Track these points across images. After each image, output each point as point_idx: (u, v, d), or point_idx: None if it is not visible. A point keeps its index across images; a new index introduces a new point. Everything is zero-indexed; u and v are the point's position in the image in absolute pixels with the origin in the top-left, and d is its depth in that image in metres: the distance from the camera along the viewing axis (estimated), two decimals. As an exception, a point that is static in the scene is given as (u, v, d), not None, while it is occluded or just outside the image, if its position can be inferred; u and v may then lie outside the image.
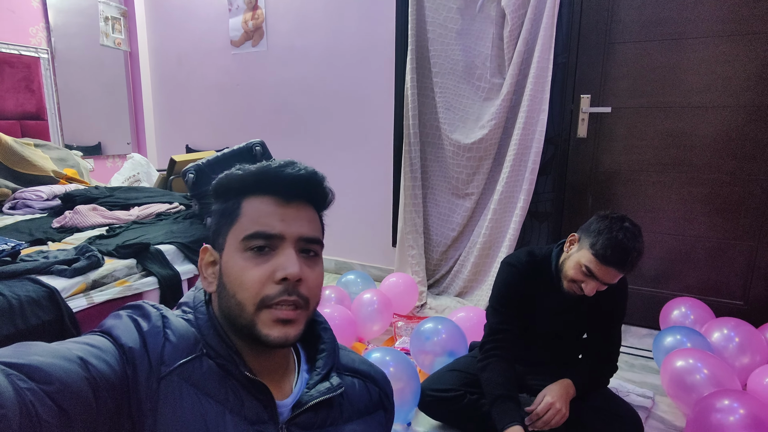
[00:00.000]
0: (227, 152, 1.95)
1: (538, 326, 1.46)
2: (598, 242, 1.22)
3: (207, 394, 0.54)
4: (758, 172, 2.01)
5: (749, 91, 1.98)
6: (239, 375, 0.57)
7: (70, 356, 0.46)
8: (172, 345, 0.54)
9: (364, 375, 0.72)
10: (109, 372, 0.48)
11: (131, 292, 1.45)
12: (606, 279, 1.24)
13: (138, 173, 3.12)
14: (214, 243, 0.63)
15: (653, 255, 2.25)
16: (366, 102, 2.80)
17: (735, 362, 1.71)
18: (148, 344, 0.53)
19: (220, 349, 0.57)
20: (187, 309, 0.62)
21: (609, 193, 2.29)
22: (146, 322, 0.55)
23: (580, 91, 2.27)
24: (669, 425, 1.57)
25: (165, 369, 0.53)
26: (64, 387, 0.43)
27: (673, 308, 2.06)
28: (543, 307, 1.43)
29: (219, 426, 0.53)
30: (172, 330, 0.56)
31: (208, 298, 0.63)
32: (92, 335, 0.52)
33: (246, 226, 0.58)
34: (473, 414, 1.46)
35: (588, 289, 1.26)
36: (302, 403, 0.61)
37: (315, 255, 0.62)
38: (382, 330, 2.13)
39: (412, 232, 2.63)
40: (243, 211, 0.59)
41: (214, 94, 3.36)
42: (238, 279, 0.57)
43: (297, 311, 0.58)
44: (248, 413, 0.57)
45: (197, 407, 0.53)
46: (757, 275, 2.07)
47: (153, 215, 2.08)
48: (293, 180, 0.60)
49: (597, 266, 1.23)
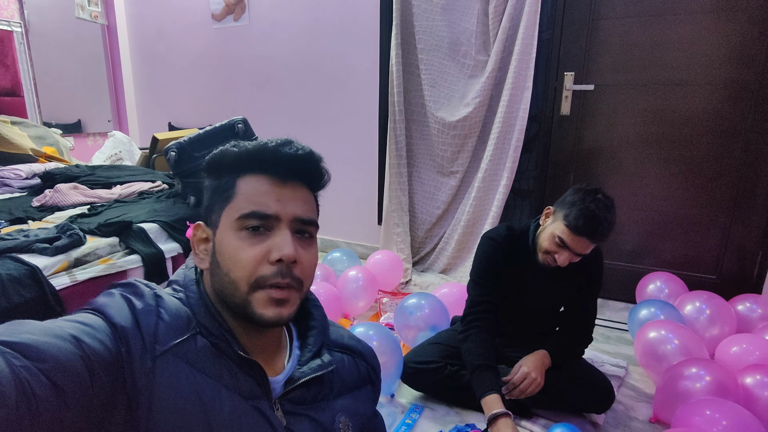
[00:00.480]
0: (209, 130, 1.93)
1: (516, 299, 1.51)
2: (571, 213, 1.26)
3: (202, 372, 0.55)
4: (733, 149, 2.06)
5: (728, 68, 2.01)
6: (232, 353, 0.57)
7: (63, 334, 0.46)
8: (166, 324, 0.54)
9: (353, 351, 0.74)
10: (102, 350, 0.48)
11: (114, 270, 1.45)
12: (578, 249, 1.28)
13: (120, 151, 3.08)
14: (206, 220, 0.62)
15: (632, 231, 2.30)
16: (351, 78, 2.77)
17: (705, 333, 1.78)
18: (140, 323, 0.53)
19: (213, 328, 0.58)
20: (178, 287, 0.61)
21: (591, 170, 2.33)
22: (139, 301, 0.55)
23: (563, 68, 2.28)
24: (640, 393, 1.64)
25: (160, 348, 0.53)
26: (58, 365, 0.43)
27: (649, 282, 2.12)
28: (522, 281, 1.47)
29: (215, 401, 0.54)
30: (166, 309, 0.55)
31: (199, 276, 0.62)
32: (84, 313, 0.52)
33: (241, 205, 0.58)
34: (453, 384, 1.51)
35: (561, 259, 1.30)
36: (294, 380, 0.62)
37: (310, 236, 0.62)
38: (367, 306, 2.17)
39: (398, 210, 2.65)
40: (238, 190, 0.59)
41: (196, 70, 3.29)
42: (233, 258, 0.57)
43: (290, 291, 0.58)
44: (242, 389, 0.57)
45: (193, 384, 0.54)
46: (729, 250, 2.14)
47: (135, 194, 2.07)
48: (290, 160, 0.59)
49: (569, 236, 1.27)
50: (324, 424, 0.63)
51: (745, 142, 2.03)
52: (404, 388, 1.61)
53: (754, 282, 2.11)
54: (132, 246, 1.54)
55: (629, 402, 1.58)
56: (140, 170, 2.41)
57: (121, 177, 2.22)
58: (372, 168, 2.82)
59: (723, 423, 1.18)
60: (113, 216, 1.69)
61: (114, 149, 3.04)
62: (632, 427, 1.46)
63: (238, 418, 0.55)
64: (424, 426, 1.45)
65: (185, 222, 1.75)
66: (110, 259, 1.47)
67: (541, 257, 1.38)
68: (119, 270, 1.46)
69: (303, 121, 2.97)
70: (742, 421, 1.19)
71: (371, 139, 2.79)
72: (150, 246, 1.58)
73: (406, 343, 1.85)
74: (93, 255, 1.44)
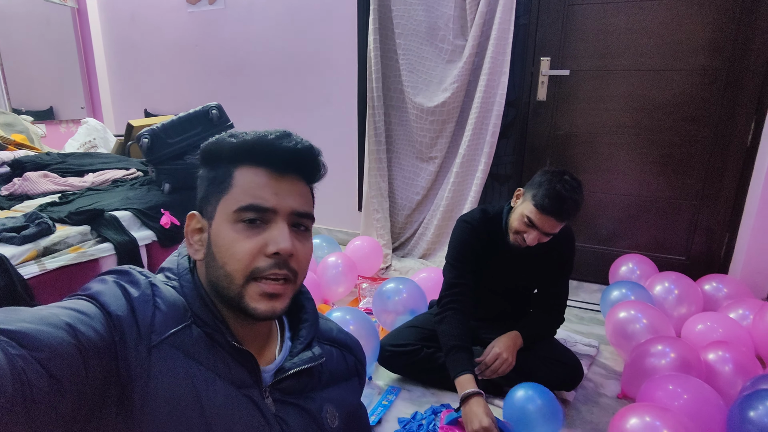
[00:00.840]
0: (182, 116, 1.89)
1: (491, 281, 1.54)
2: (539, 194, 1.29)
3: (197, 361, 0.55)
4: (702, 134, 2.10)
5: (699, 54, 2.04)
6: (225, 343, 0.58)
7: (58, 323, 0.45)
8: (163, 314, 0.54)
9: (341, 344, 0.75)
10: (97, 338, 0.47)
11: (86, 258, 1.43)
12: (546, 228, 1.31)
13: (94, 139, 3.00)
14: (201, 210, 0.61)
15: (606, 215, 2.35)
16: (328, 63, 2.75)
17: (673, 312, 1.84)
18: (137, 312, 0.52)
19: (207, 318, 0.58)
20: (172, 276, 0.61)
21: (566, 155, 2.36)
22: (135, 289, 0.54)
23: (540, 53, 2.29)
24: (610, 370, 1.69)
25: (156, 337, 0.52)
26: (53, 354, 0.43)
27: (622, 264, 2.18)
28: (496, 263, 1.50)
29: (209, 390, 0.55)
30: (162, 298, 0.55)
31: (193, 265, 0.62)
32: (77, 300, 0.51)
33: (238, 197, 0.57)
34: (429, 366, 1.54)
35: (530, 239, 1.33)
36: (285, 370, 0.63)
37: (306, 230, 0.62)
38: (346, 292, 2.18)
39: (377, 196, 2.66)
40: (235, 182, 0.58)
41: (171, 55, 3.22)
42: (229, 250, 0.56)
43: (285, 285, 0.58)
44: (235, 378, 0.58)
45: (188, 373, 0.54)
46: (698, 232, 2.20)
47: (109, 182, 2.03)
48: (289, 153, 0.58)
49: (537, 216, 1.30)
50: (312, 412, 0.65)
51: (714, 128, 2.08)
52: (381, 371, 1.64)
53: (722, 262, 2.18)
54: (104, 234, 1.52)
55: (599, 379, 1.63)
56: (114, 158, 2.37)
57: (93, 165, 2.18)
58: (351, 154, 2.81)
59: (684, 397, 1.23)
60: (85, 204, 1.66)
61: (88, 137, 2.97)
62: (600, 403, 1.51)
63: (231, 406, 0.56)
64: (401, 407, 1.48)
65: (159, 209, 1.73)
66: (81, 248, 1.45)
67: (512, 237, 1.41)
68: (90, 258, 1.44)
69: (280, 108, 2.94)
70: (703, 395, 1.24)
71: (350, 125, 2.78)
72: (122, 234, 1.56)
73: (385, 327, 1.87)
74: (63, 244, 1.42)
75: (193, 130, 1.87)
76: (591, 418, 1.43)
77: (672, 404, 1.21)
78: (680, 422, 1.08)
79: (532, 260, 1.48)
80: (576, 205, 1.29)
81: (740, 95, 2.01)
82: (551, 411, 1.26)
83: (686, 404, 1.21)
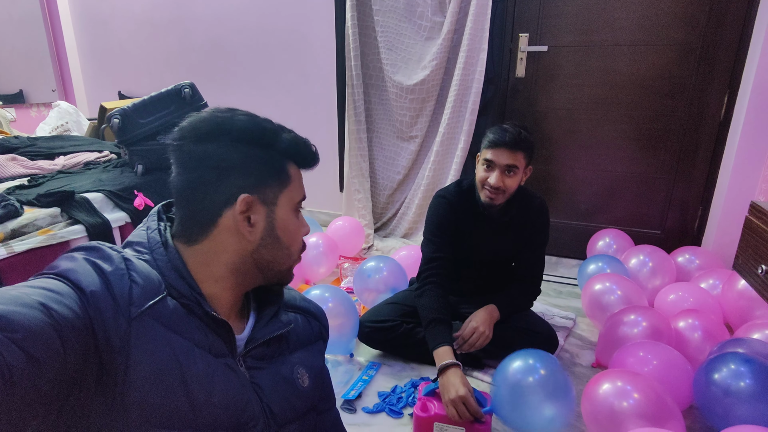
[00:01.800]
0: (154, 95, 1.85)
1: (469, 254, 1.55)
2: (487, 137, 1.43)
3: (175, 331, 0.57)
4: (677, 109, 2.13)
5: (673, 30, 2.05)
6: (202, 314, 0.60)
7: (31, 302, 0.45)
8: (140, 287, 0.55)
9: (305, 311, 0.80)
10: (71, 316, 0.47)
11: (56, 240, 1.40)
12: (501, 161, 1.39)
13: (66, 123, 2.92)
14: (259, 193, 0.63)
15: (585, 191, 2.38)
16: (306, 41, 2.69)
17: (647, 284, 1.88)
18: (113, 286, 0.52)
19: (183, 289, 0.59)
20: (142, 249, 0.61)
21: (545, 132, 2.37)
22: (108, 264, 0.54)
23: (518, 29, 2.28)
24: (586, 341, 1.74)
25: (136, 309, 0.53)
26: (29, 333, 0.42)
27: (599, 239, 2.22)
28: (473, 235, 1.52)
29: (190, 359, 0.56)
30: (137, 272, 0.56)
31: (165, 238, 0.62)
32: (46, 279, 0.50)
33: (298, 191, 0.68)
34: (409, 341, 1.56)
35: (494, 180, 1.40)
36: (257, 339, 0.66)
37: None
38: (328, 272, 2.19)
39: (358, 176, 2.65)
40: (292, 177, 0.66)
41: (144, 34, 3.12)
42: (294, 234, 0.68)
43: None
44: (212, 347, 0.60)
45: (168, 343, 0.55)
46: (672, 206, 2.24)
47: (81, 164, 1.98)
48: (313, 158, 0.70)
49: (491, 153, 1.40)
50: (284, 374, 0.69)
51: (688, 103, 2.10)
52: (362, 348, 1.65)
53: (695, 235, 2.23)
54: (75, 216, 1.48)
55: (575, 350, 1.67)
56: (86, 140, 2.31)
57: (64, 147, 2.12)
58: (331, 134, 2.78)
59: (654, 363, 1.27)
60: (55, 187, 1.61)
61: (60, 120, 2.88)
62: (575, 372, 1.54)
63: (211, 373, 0.59)
64: (381, 381, 1.49)
65: (133, 191, 1.70)
66: (51, 230, 1.41)
67: (482, 196, 1.45)
68: (61, 240, 1.41)
69: (258, 87, 2.88)
70: (671, 360, 1.28)
71: (329, 105, 2.74)
72: (95, 216, 1.53)
73: (366, 305, 1.88)
74: (32, 226, 1.39)
75: (166, 110, 1.83)
76: (566, 387, 1.46)
77: (642, 369, 1.25)
78: (650, 386, 1.12)
79: (508, 231, 1.51)
80: (524, 135, 1.39)
81: (714, 70, 2.04)
82: (558, 384, 1.13)
83: (655, 369, 1.25)
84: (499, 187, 1.40)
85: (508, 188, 1.41)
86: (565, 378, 1.16)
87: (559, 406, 1.12)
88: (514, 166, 1.39)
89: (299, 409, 0.71)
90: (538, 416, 1.11)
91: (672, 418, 1.07)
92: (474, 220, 1.51)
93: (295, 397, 0.70)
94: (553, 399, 1.12)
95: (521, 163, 1.41)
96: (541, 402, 1.11)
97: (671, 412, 1.08)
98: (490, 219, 1.50)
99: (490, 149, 1.40)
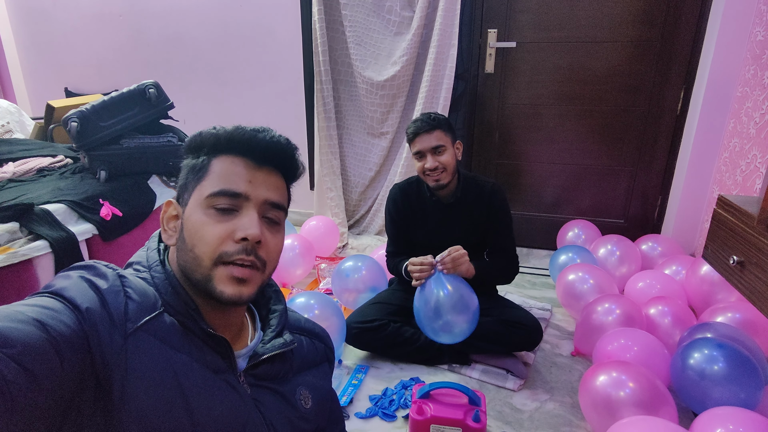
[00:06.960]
0: (116, 96, 1.73)
1: (428, 238, 1.63)
2: (407, 134, 1.56)
3: (173, 347, 0.56)
4: (638, 103, 2.23)
5: (632, 27, 2.14)
6: (199, 330, 0.59)
7: (26, 319, 0.45)
8: (136, 303, 0.54)
9: (310, 333, 0.79)
10: (67, 331, 0.47)
11: (18, 259, 1.29)
12: (425, 145, 1.51)
13: (8, 123, 2.69)
14: (179, 198, 0.63)
15: (552, 183, 2.45)
16: (272, 36, 2.61)
17: (616, 272, 1.98)
18: (108, 303, 0.52)
19: (179, 306, 0.58)
20: (141, 268, 0.61)
21: (514, 127, 2.42)
22: (103, 281, 0.54)
23: (486, 25, 2.30)
24: (563, 331, 1.81)
25: (131, 325, 0.53)
26: (26, 348, 0.42)
27: (568, 230, 2.30)
28: (429, 220, 1.64)
29: (188, 375, 0.56)
30: (132, 288, 0.56)
31: (163, 257, 0.63)
32: (41, 297, 0.50)
33: (212, 183, 0.59)
34: (397, 340, 1.56)
35: (429, 164, 1.51)
36: (258, 355, 0.65)
37: (278, 223, 0.64)
38: (305, 273, 2.15)
39: (330, 174, 2.61)
40: (211, 169, 0.60)
41: (92, 26, 2.92)
42: (198, 233, 0.58)
43: (253, 271, 0.59)
44: (210, 364, 0.59)
45: (166, 358, 0.55)
46: (635, 196, 2.36)
47: (34, 171, 1.84)
48: (266, 144, 0.61)
49: (415, 144, 1.53)
50: (285, 395, 0.68)
51: (648, 97, 2.21)
52: (349, 351, 1.64)
53: (655, 223, 2.36)
54: (36, 231, 1.38)
55: (554, 341, 1.73)
56: (36, 144, 2.14)
57: (12, 152, 1.95)
58: (300, 132, 2.72)
59: (634, 349, 1.34)
60: (9, 198, 1.49)
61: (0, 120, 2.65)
62: (558, 362, 1.61)
63: (210, 389, 0.58)
64: (371, 384, 1.49)
65: (97, 200, 1.60)
66: (11, 248, 1.30)
67: (429, 183, 1.56)
68: (23, 259, 1.30)
69: (222, 84, 2.77)
70: (649, 345, 1.36)
71: (297, 101, 2.68)
72: (58, 229, 1.42)
73: (347, 306, 1.87)
74: (-11, 244, 1.27)
75: (129, 111, 1.72)
76: (551, 378, 1.52)
77: (624, 356, 1.32)
78: (640, 372, 1.18)
79: (459, 213, 1.60)
80: (430, 116, 1.52)
81: (671, 66, 2.14)
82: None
83: (637, 355, 1.32)
84: (436, 167, 1.51)
85: (446, 165, 1.52)
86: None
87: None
88: (440, 145, 1.51)
89: (303, 430, 0.70)
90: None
91: (665, 403, 1.13)
92: (426, 207, 1.64)
93: (297, 419, 0.69)
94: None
95: (445, 140, 1.52)
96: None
97: (665, 398, 1.15)
98: (439, 204, 1.62)
99: (413, 141, 1.53)
